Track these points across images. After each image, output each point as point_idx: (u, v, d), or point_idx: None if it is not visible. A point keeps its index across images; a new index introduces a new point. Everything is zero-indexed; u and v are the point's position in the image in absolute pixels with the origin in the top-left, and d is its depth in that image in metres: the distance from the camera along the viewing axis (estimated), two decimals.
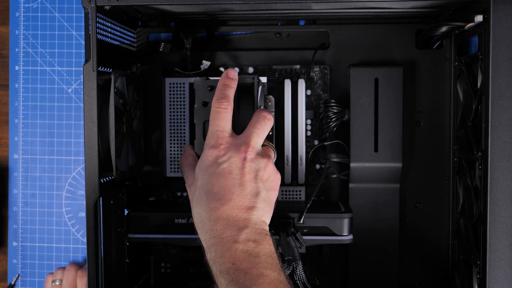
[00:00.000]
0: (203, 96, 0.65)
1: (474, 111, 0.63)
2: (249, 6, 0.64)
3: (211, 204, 0.54)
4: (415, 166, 0.74)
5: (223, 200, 0.54)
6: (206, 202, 0.55)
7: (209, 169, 0.56)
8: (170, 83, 0.72)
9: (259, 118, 0.59)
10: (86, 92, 0.59)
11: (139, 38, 0.76)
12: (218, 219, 0.54)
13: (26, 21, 0.80)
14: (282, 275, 0.52)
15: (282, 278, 0.52)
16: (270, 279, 0.50)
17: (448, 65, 0.73)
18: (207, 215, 0.54)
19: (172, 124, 0.73)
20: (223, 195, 0.54)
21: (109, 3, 0.59)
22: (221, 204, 0.54)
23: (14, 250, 0.81)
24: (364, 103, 0.70)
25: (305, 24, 0.75)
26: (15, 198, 0.81)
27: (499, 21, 0.56)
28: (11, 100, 0.81)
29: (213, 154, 0.56)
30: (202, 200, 0.55)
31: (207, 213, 0.54)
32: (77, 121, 0.80)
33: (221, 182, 0.55)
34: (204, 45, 0.75)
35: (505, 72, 0.57)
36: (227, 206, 0.54)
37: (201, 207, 0.55)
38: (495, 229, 0.57)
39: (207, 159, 0.57)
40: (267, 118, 0.59)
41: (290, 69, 0.74)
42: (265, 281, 0.50)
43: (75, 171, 0.81)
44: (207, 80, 0.65)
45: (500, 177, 0.57)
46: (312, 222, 0.66)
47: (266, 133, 0.59)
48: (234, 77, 0.60)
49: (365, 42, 0.74)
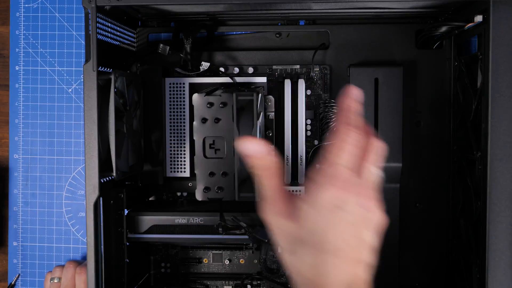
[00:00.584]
0: (202, 113, 0.65)
1: (474, 111, 0.63)
2: (249, 6, 0.64)
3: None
4: (415, 166, 0.74)
5: None
6: None
7: None
8: (170, 83, 0.72)
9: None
10: (86, 92, 0.59)
11: (139, 38, 0.76)
12: None
13: (26, 21, 0.80)
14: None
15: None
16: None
17: (448, 65, 0.73)
18: None
19: (172, 124, 0.73)
20: None
21: (109, 3, 0.59)
22: None
23: (14, 250, 0.81)
24: (364, 103, 0.70)
25: (305, 24, 0.75)
26: (15, 198, 0.81)
27: (499, 21, 0.56)
28: (11, 100, 0.81)
29: None
30: None
31: None
32: (77, 121, 0.80)
33: None
34: (204, 45, 0.75)
35: (505, 72, 0.57)
36: None
37: None
38: (495, 229, 0.57)
39: None
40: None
41: (290, 69, 0.74)
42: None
43: (75, 171, 0.81)
44: (206, 97, 0.65)
45: (499, 177, 0.57)
46: None
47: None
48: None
49: (365, 42, 0.74)
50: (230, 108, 0.64)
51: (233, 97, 0.62)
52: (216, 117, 0.64)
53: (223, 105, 0.64)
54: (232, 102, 0.63)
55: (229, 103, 0.64)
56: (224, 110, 0.64)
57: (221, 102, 0.64)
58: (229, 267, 0.75)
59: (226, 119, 0.64)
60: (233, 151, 0.63)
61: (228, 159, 0.63)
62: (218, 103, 0.64)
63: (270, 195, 0.48)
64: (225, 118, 0.64)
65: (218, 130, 0.64)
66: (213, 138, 0.64)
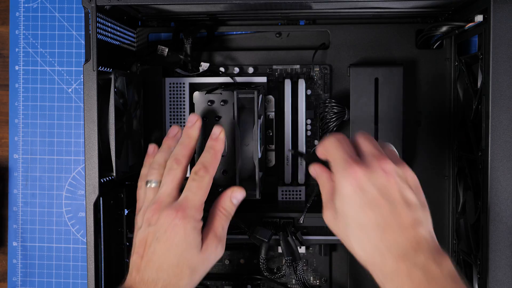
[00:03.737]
0: (202, 111, 0.65)
1: (474, 111, 0.63)
2: (249, 6, 0.64)
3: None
4: (415, 166, 0.74)
5: None
6: None
7: None
8: (170, 83, 0.72)
9: None
10: (86, 92, 0.59)
11: (139, 38, 0.76)
12: None
13: (26, 21, 0.80)
14: None
15: None
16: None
17: (448, 65, 0.73)
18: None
19: (172, 124, 0.73)
20: None
21: (109, 3, 0.59)
22: None
23: (14, 250, 0.81)
24: (364, 103, 0.70)
25: (305, 24, 0.75)
26: (15, 198, 0.81)
27: (499, 21, 0.56)
28: (11, 100, 0.81)
29: None
30: None
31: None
32: (77, 121, 0.80)
33: None
34: (204, 45, 0.75)
35: (505, 72, 0.57)
36: None
37: None
38: (495, 229, 0.57)
39: None
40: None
41: (290, 69, 0.74)
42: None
43: (75, 171, 0.81)
44: (207, 95, 0.65)
45: (500, 177, 0.57)
46: (312, 222, 0.66)
47: None
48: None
49: (365, 42, 0.74)
50: (231, 106, 0.64)
51: (234, 95, 0.62)
52: (217, 115, 0.64)
53: (223, 102, 0.64)
54: (233, 100, 0.63)
55: (230, 100, 0.64)
56: (225, 108, 0.64)
57: (221, 100, 0.64)
58: (229, 267, 0.75)
59: (227, 117, 0.64)
60: (233, 149, 0.63)
61: (229, 157, 0.63)
62: (219, 100, 0.64)
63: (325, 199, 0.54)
64: (226, 116, 0.64)
65: None
66: None
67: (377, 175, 0.49)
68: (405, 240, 0.47)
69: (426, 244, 0.47)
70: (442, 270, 0.46)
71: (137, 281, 0.54)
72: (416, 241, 0.47)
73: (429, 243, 0.48)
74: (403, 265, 0.46)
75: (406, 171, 0.51)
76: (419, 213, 0.49)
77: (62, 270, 0.81)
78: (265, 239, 0.64)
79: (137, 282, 0.54)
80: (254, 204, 0.67)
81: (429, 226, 0.50)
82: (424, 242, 0.47)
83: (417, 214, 0.49)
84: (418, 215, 0.49)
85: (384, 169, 0.50)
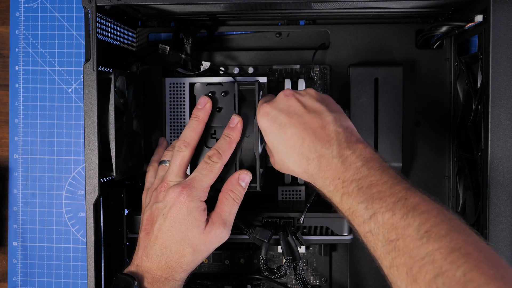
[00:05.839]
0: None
1: (474, 111, 0.63)
2: (249, 6, 0.64)
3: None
4: (415, 166, 0.74)
5: None
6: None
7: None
8: (170, 83, 0.72)
9: None
10: (86, 92, 0.59)
11: (139, 38, 0.76)
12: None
13: (26, 21, 0.80)
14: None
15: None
16: None
17: (448, 65, 0.73)
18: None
19: (172, 124, 0.73)
20: None
21: (109, 3, 0.59)
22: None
23: (14, 250, 0.81)
24: (364, 103, 0.70)
25: (305, 24, 0.75)
26: (15, 198, 0.81)
27: (499, 21, 0.56)
28: (11, 100, 0.81)
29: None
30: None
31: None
32: (77, 121, 0.80)
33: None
34: (204, 45, 0.75)
35: (505, 72, 0.57)
36: None
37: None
38: (495, 229, 0.57)
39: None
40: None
41: (290, 69, 0.74)
42: None
43: (75, 171, 0.81)
44: (208, 86, 0.65)
45: (500, 177, 0.57)
46: (312, 222, 0.66)
47: None
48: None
49: (365, 42, 0.74)
50: (231, 97, 0.64)
51: (235, 86, 0.62)
52: (217, 106, 0.64)
53: (224, 94, 0.64)
54: (233, 91, 0.63)
55: (231, 92, 0.64)
56: (226, 99, 0.64)
57: (222, 91, 0.64)
58: (229, 267, 0.75)
59: (227, 108, 0.64)
60: None
61: None
62: (220, 92, 0.64)
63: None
64: (227, 107, 0.64)
65: (219, 120, 0.64)
66: (215, 128, 0.64)
67: (280, 100, 0.58)
68: (318, 141, 0.54)
69: (337, 137, 0.54)
70: (354, 152, 0.52)
71: (143, 258, 0.57)
72: (328, 139, 0.54)
73: (341, 136, 0.54)
74: (323, 160, 0.53)
75: (308, 90, 0.59)
76: (326, 115, 0.55)
77: (62, 270, 0.81)
78: (265, 240, 0.64)
79: (142, 260, 0.57)
80: (254, 204, 0.67)
81: (343, 123, 0.55)
82: (335, 137, 0.54)
83: (323, 116, 0.55)
84: (325, 117, 0.55)
85: (284, 93, 0.58)
